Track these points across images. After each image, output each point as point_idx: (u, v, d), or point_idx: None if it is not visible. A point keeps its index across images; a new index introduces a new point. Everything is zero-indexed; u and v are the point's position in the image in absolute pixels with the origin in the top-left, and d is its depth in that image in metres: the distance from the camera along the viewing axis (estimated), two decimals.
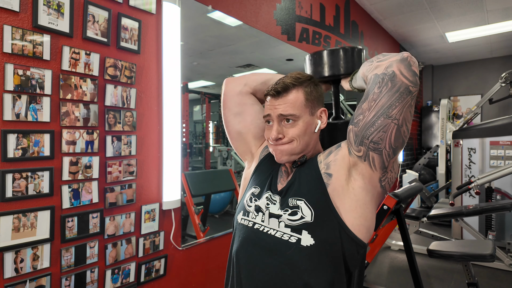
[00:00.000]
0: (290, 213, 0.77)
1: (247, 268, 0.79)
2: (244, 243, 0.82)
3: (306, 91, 0.83)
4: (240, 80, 1.00)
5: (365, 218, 0.76)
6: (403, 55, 0.71)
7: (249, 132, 0.98)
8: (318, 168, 0.81)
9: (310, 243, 0.73)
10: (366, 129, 0.73)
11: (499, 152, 3.47)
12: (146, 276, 1.54)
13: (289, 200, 0.79)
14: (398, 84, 0.70)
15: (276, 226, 0.78)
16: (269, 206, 0.81)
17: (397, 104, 0.69)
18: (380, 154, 0.73)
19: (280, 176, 0.88)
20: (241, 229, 0.85)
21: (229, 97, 0.99)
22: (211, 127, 6.02)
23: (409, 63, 0.70)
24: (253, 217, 0.83)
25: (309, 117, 0.83)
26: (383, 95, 0.71)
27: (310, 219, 0.74)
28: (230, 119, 0.99)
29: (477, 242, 1.97)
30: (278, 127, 0.81)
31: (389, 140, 0.71)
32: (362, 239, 0.76)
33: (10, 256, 1.11)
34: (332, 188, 0.76)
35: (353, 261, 0.76)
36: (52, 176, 1.20)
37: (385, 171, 0.75)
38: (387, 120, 0.70)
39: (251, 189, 0.89)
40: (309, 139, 0.84)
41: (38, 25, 1.15)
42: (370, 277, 2.70)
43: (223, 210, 3.65)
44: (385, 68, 0.72)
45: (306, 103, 0.82)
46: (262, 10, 2.29)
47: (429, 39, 4.87)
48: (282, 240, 0.75)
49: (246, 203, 0.87)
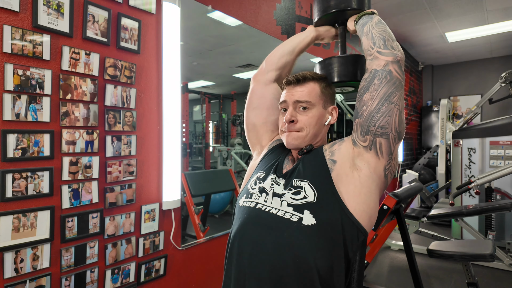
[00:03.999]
0: (293, 193, 0.80)
1: (249, 247, 0.79)
2: (245, 223, 0.82)
3: (322, 85, 0.91)
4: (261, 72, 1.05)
5: (368, 205, 0.78)
6: (397, 57, 0.81)
7: (263, 125, 1.03)
8: (323, 155, 0.85)
9: (311, 223, 0.75)
10: (371, 117, 0.79)
11: (499, 152, 3.47)
12: (146, 276, 1.54)
13: (293, 181, 0.82)
14: (394, 79, 0.80)
15: (278, 205, 0.79)
16: (274, 186, 0.84)
17: (396, 92, 0.79)
18: (388, 138, 0.78)
19: (286, 162, 0.92)
20: (243, 211, 0.85)
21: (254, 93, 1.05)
22: (211, 127, 6.03)
23: (400, 65, 0.82)
24: (256, 198, 0.85)
25: (322, 109, 0.90)
26: (383, 85, 0.79)
27: (313, 199, 0.77)
28: (249, 112, 1.05)
29: (477, 242, 1.97)
30: (292, 111, 0.88)
31: (395, 123, 0.78)
32: (364, 226, 0.78)
33: (10, 256, 1.11)
34: (336, 173, 0.80)
35: (352, 246, 0.77)
36: (52, 176, 1.20)
37: (390, 158, 0.79)
38: (391, 106, 0.78)
39: (256, 173, 0.93)
40: (319, 131, 0.90)
41: (38, 25, 1.15)
42: (370, 277, 2.70)
43: (223, 210, 3.65)
44: (383, 66, 0.81)
45: (321, 95, 0.90)
46: (262, 10, 2.29)
47: (429, 39, 4.87)
48: (284, 218, 0.77)
49: (250, 186, 0.90)
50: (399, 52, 0.81)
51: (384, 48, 0.82)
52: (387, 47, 0.81)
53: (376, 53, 0.82)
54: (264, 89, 1.03)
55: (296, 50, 1.04)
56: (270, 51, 1.08)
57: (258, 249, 0.77)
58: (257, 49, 3.08)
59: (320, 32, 1.08)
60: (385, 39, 0.82)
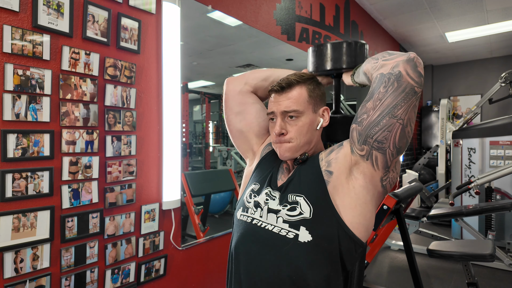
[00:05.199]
0: (288, 209, 0.77)
1: (245, 263, 0.79)
2: (242, 238, 0.82)
3: (309, 88, 0.85)
4: (240, 79, 1.00)
5: (364, 217, 0.76)
6: (410, 55, 0.71)
7: (250, 130, 0.99)
8: (319, 165, 0.81)
9: (307, 239, 0.73)
10: (370, 128, 0.73)
11: (499, 152, 3.47)
12: (146, 276, 1.54)
13: (289, 196, 0.79)
14: (404, 85, 0.70)
15: (274, 222, 0.78)
16: (268, 201, 0.82)
17: (403, 104, 0.70)
18: (384, 153, 0.73)
19: (281, 173, 0.89)
20: (240, 225, 0.85)
21: (230, 96, 1.00)
22: (211, 127, 6.02)
23: (415, 64, 0.70)
24: (252, 213, 0.83)
25: (311, 114, 0.84)
26: (388, 95, 0.71)
27: (309, 215, 0.75)
28: (231, 118, 1.00)
29: (477, 242, 1.97)
30: (281, 122, 0.83)
31: (394, 139, 0.72)
32: (360, 238, 0.76)
33: (10, 256, 1.11)
34: (332, 186, 0.77)
35: (350, 259, 0.76)
36: (52, 176, 1.20)
37: (387, 170, 0.75)
38: (393, 120, 0.71)
39: (251, 185, 0.90)
40: (311, 136, 0.85)
41: (38, 25, 1.15)
42: (370, 277, 2.70)
43: (223, 210, 3.65)
44: (391, 68, 0.72)
45: (309, 100, 0.84)
46: (262, 10, 2.29)
47: (429, 39, 4.87)
48: (280, 235, 0.76)
49: (246, 199, 0.88)
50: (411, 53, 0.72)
51: (390, 55, 0.75)
52: (393, 54, 0.75)
53: (381, 62, 0.75)
54: (242, 95, 0.98)
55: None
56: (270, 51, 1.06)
57: (254, 266, 0.77)
58: (257, 49, 3.08)
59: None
60: (388, 53, 0.77)
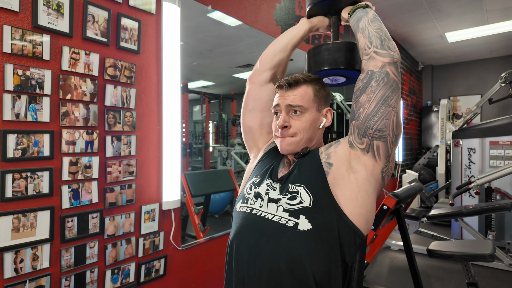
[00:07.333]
0: (289, 198, 0.79)
1: (245, 253, 0.79)
2: (242, 228, 0.82)
3: (315, 87, 0.88)
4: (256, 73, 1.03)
5: (365, 209, 0.77)
6: (394, 59, 0.80)
7: (259, 128, 1.02)
8: (319, 157, 0.84)
9: (307, 228, 0.74)
10: (369, 120, 0.78)
11: (499, 152, 3.47)
12: (146, 276, 1.54)
13: (289, 186, 0.81)
14: (391, 81, 0.79)
15: (274, 211, 0.79)
16: (269, 191, 0.83)
17: (393, 95, 0.79)
18: (385, 141, 0.78)
19: (282, 166, 0.91)
20: (239, 216, 0.85)
21: (249, 93, 1.04)
22: (210, 127, 6.02)
23: (397, 66, 0.81)
24: (251, 203, 0.84)
25: (315, 112, 0.87)
26: (380, 88, 0.79)
27: (309, 204, 0.76)
28: (245, 114, 1.05)
29: (477, 242, 1.97)
30: (285, 116, 0.86)
31: (392, 126, 0.78)
32: (360, 229, 0.77)
33: (10, 256, 1.11)
34: (332, 177, 0.79)
35: (349, 250, 0.76)
36: (51, 176, 1.20)
37: (387, 160, 0.79)
38: (388, 108, 0.78)
39: (252, 178, 0.92)
40: (313, 134, 0.88)
41: (37, 25, 1.15)
42: (370, 277, 2.70)
43: (223, 210, 3.65)
44: (380, 68, 0.80)
45: (314, 99, 0.87)
46: (262, 10, 2.29)
47: (429, 39, 4.87)
48: (279, 224, 0.76)
49: (246, 191, 0.89)
50: (396, 53, 0.81)
51: (381, 48, 0.81)
52: (384, 47, 0.80)
53: (373, 53, 0.81)
54: (259, 90, 1.02)
55: (289, 46, 1.01)
56: None
57: (255, 255, 0.77)
58: (257, 49, 3.08)
59: (314, 23, 1.05)
60: (382, 39, 0.81)
